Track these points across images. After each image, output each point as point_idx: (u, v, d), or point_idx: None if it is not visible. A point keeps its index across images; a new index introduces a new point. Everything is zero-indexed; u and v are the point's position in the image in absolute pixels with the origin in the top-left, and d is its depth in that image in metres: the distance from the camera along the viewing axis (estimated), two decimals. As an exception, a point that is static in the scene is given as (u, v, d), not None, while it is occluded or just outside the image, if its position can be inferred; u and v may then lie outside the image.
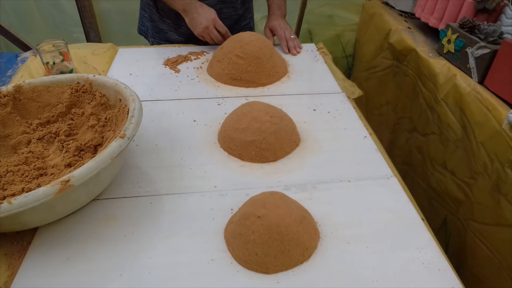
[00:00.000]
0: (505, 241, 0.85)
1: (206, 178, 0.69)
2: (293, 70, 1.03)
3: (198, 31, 1.04)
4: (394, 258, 0.56)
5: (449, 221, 1.07)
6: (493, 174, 0.88)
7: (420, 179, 1.22)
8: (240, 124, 0.73)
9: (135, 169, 0.70)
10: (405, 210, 0.64)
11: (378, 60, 1.48)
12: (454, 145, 1.04)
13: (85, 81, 0.74)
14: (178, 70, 1.02)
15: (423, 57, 1.16)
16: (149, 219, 0.61)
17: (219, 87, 0.96)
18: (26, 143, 0.69)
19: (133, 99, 0.65)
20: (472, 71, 0.99)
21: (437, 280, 0.53)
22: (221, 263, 0.55)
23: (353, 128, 0.83)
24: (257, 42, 0.96)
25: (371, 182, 0.69)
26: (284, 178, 0.69)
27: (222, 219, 0.61)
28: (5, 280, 0.53)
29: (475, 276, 0.95)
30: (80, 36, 1.71)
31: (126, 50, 1.10)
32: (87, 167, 0.52)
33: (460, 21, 1.04)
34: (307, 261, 0.55)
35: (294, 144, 0.76)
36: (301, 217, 0.56)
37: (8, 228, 0.55)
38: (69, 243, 0.57)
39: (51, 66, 0.92)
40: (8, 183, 0.59)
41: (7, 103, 0.71)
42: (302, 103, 0.90)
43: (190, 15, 1.03)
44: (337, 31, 1.86)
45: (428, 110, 1.16)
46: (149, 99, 0.89)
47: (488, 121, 0.89)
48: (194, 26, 1.04)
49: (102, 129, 0.69)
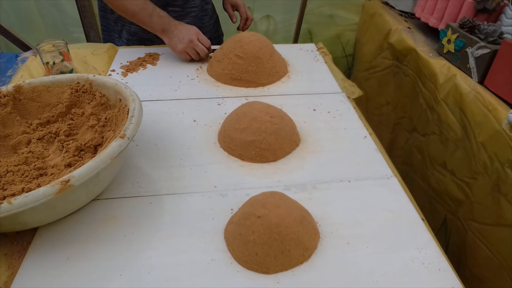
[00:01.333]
0: (505, 241, 0.85)
1: (206, 178, 0.69)
2: (293, 70, 1.03)
3: (181, 46, 0.98)
4: (394, 258, 0.56)
5: (449, 221, 1.07)
6: (493, 174, 0.88)
7: (420, 179, 1.22)
8: (240, 124, 0.73)
9: (135, 169, 0.70)
10: (405, 210, 0.64)
11: (378, 60, 1.48)
12: (454, 145, 1.04)
13: (85, 81, 0.74)
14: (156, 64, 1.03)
15: (423, 57, 1.16)
16: (149, 219, 0.61)
17: (219, 87, 0.96)
18: (26, 143, 0.69)
19: (133, 99, 0.65)
20: (472, 71, 0.99)
21: (437, 280, 0.53)
22: (221, 263, 0.55)
23: (353, 128, 0.83)
24: (257, 42, 0.96)
25: (371, 182, 0.69)
26: (284, 178, 0.69)
27: (222, 219, 0.61)
28: (5, 280, 0.53)
29: (475, 276, 0.95)
30: (80, 36, 1.71)
31: (126, 50, 1.10)
32: (87, 167, 0.52)
33: (460, 21, 1.04)
34: (307, 261, 0.55)
35: (294, 144, 0.76)
36: (301, 217, 0.56)
37: (8, 228, 0.55)
38: (69, 243, 0.57)
39: (51, 66, 0.92)
40: (8, 183, 0.59)
41: (7, 103, 0.71)
42: (302, 103, 0.90)
43: (170, 34, 0.98)
44: (337, 31, 1.86)
45: (428, 110, 1.16)
46: (149, 99, 0.89)
47: (488, 121, 0.89)
48: (175, 43, 0.98)
49: (102, 129, 0.69)
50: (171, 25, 0.97)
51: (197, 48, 0.99)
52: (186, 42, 0.97)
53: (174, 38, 0.98)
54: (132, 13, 0.95)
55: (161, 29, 0.97)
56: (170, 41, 0.99)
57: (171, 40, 0.98)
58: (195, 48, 0.99)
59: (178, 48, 0.99)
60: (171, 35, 0.98)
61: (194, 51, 1.00)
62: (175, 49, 1.00)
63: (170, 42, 0.99)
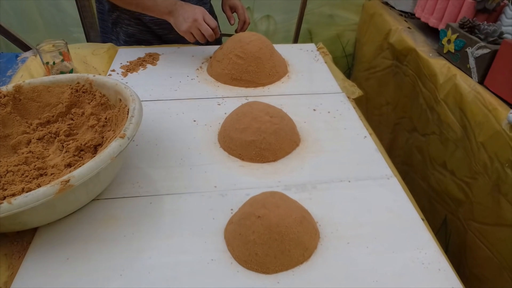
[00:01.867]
0: (505, 241, 0.85)
1: (206, 178, 0.69)
2: (293, 70, 1.03)
3: (186, 26, 0.93)
4: (394, 258, 0.56)
5: (449, 221, 1.07)
6: (493, 174, 0.88)
7: (420, 179, 1.22)
8: (240, 124, 0.73)
9: (135, 169, 0.70)
10: (405, 210, 0.64)
11: (378, 60, 1.48)
12: (454, 145, 1.04)
13: (85, 81, 0.74)
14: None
15: (423, 57, 1.16)
16: (149, 219, 0.61)
17: (219, 87, 0.96)
18: (26, 143, 0.69)
19: (133, 99, 0.66)
20: (472, 71, 0.99)
21: (437, 280, 0.53)
22: (221, 263, 0.55)
23: (353, 128, 0.83)
24: (257, 42, 0.96)
25: (371, 182, 0.69)
26: (284, 178, 0.69)
27: (222, 219, 0.61)
28: (5, 280, 0.53)
29: (475, 276, 0.95)
30: (80, 36, 1.71)
31: (126, 50, 1.10)
32: (87, 167, 0.52)
33: (460, 21, 1.04)
34: (307, 261, 0.55)
35: (294, 144, 0.76)
36: (301, 217, 0.56)
37: (8, 228, 0.55)
38: (69, 243, 0.57)
39: (51, 66, 0.92)
40: (8, 183, 0.59)
41: (7, 103, 0.71)
42: (302, 103, 0.90)
43: (175, 13, 0.94)
44: (337, 31, 1.86)
45: (428, 110, 1.16)
46: (149, 99, 0.89)
47: (488, 121, 0.89)
48: (180, 23, 0.94)
49: (102, 129, 0.69)
50: (177, 5, 0.94)
51: (202, 27, 0.94)
52: (190, 21, 0.93)
53: (179, 18, 0.94)
54: (137, 1, 0.94)
55: (168, 11, 0.94)
56: (176, 20, 0.95)
57: (176, 19, 0.95)
58: (199, 27, 0.94)
59: (183, 27, 0.94)
60: (176, 15, 0.94)
61: (199, 31, 0.95)
62: (180, 29, 0.95)
63: (175, 22, 0.95)
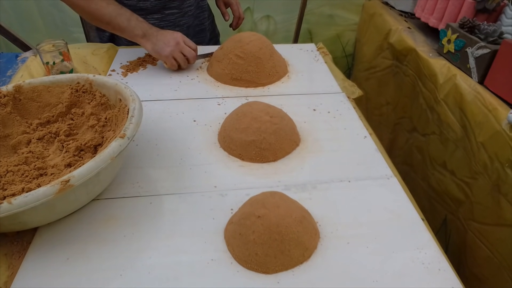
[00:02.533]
0: (505, 241, 0.85)
1: (206, 178, 0.69)
2: (293, 70, 1.03)
3: (169, 50, 0.92)
4: (394, 258, 0.56)
5: (449, 221, 1.07)
6: (493, 174, 0.88)
7: (420, 179, 1.22)
8: (240, 124, 0.73)
9: (135, 169, 0.70)
10: (405, 210, 0.64)
11: (378, 60, 1.48)
12: (454, 145, 1.04)
13: (85, 81, 0.74)
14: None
15: (423, 57, 1.16)
16: (149, 219, 0.61)
17: (219, 87, 0.96)
18: (26, 143, 0.69)
19: (133, 99, 0.66)
20: (472, 71, 0.99)
21: (437, 280, 0.53)
22: (221, 263, 0.55)
23: (353, 128, 0.83)
24: (257, 42, 0.96)
25: (371, 182, 0.69)
26: (284, 178, 0.69)
27: (222, 219, 0.61)
28: (5, 280, 0.53)
29: (475, 276, 0.95)
30: (80, 36, 1.71)
31: (126, 50, 1.10)
32: (87, 167, 0.52)
33: (460, 21, 1.04)
34: (307, 261, 0.55)
35: (294, 144, 0.76)
36: (301, 217, 0.56)
37: (8, 228, 0.55)
38: (69, 243, 0.57)
39: (51, 66, 0.92)
40: (8, 183, 0.59)
41: (7, 103, 0.71)
42: (302, 103, 0.90)
43: (153, 39, 0.92)
44: (337, 31, 1.87)
45: (428, 110, 1.16)
46: (149, 99, 0.89)
47: (488, 121, 0.89)
48: (161, 47, 0.92)
49: (102, 129, 0.69)
50: (153, 30, 0.92)
51: (185, 50, 0.94)
52: (173, 44, 0.93)
53: (159, 43, 0.92)
54: (108, 19, 0.90)
55: (142, 33, 0.91)
56: (155, 46, 0.92)
57: (156, 44, 0.92)
58: (182, 51, 0.94)
59: (165, 52, 0.93)
60: (154, 40, 0.92)
61: (181, 55, 0.95)
62: (161, 53, 0.93)
63: (154, 47, 0.93)
